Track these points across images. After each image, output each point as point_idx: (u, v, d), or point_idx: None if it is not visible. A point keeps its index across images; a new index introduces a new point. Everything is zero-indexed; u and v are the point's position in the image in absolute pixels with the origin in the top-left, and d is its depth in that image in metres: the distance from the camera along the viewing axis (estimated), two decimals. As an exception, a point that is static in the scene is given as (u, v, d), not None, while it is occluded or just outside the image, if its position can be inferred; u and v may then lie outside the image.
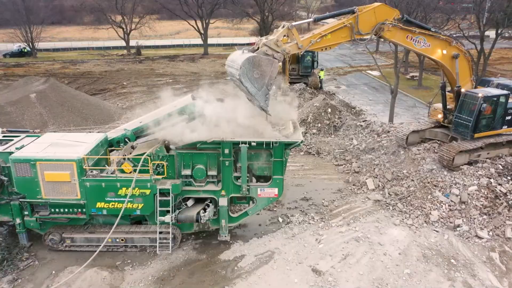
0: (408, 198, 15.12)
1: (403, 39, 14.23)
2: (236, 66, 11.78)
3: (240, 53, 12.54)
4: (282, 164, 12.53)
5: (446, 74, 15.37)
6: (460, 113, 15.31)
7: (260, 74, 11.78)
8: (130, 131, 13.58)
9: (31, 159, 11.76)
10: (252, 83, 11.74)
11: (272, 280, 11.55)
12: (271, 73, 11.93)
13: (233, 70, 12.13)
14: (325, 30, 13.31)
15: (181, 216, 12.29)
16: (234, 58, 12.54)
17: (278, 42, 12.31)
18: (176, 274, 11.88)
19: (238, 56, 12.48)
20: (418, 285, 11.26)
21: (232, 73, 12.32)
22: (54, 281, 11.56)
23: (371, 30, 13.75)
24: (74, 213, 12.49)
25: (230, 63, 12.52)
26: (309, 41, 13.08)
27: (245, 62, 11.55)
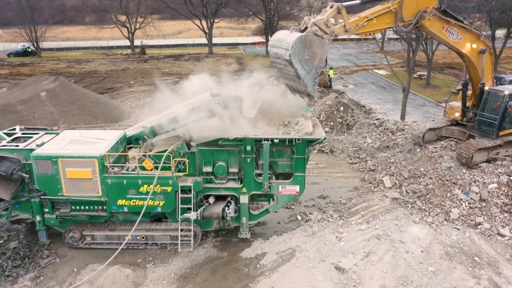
0: (427, 196, 15.04)
1: (439, 29, 13.95)
2: (286, 46, 11.03)
3: (288, 33, 11.81)
4: (304, 161, 12.46)
5: (470, 70, 15.25)
6: (483, 111, 15.21)
7: (310, 55, 11.17)
8: (148, 129, 13.51)
9: (53, 156, 11.69)
10: (302, 65, 11.08)
11: (295, 278, 11.48)
12: (321, 55, 11.31)
13: (280, 50, 11.36)
14: (372, 14, 12.80)
15: (206, 213, 12.21)
16: (281, 38, 11.74)
17: (328, 22, 11.66)
18: (199, 271, 11.81)
19: (285, 35, 11.71)
20: (443, 283, 11.18)
21: (278, 54, 11.55)
22: (77, 278, 11.50)
23: (413, 17, 13.38)
24: (95, 210, 12.42)
25: (277, 42, 11.72)
26: (356, 24, 12.51)
27: (297, 41, 10.81)
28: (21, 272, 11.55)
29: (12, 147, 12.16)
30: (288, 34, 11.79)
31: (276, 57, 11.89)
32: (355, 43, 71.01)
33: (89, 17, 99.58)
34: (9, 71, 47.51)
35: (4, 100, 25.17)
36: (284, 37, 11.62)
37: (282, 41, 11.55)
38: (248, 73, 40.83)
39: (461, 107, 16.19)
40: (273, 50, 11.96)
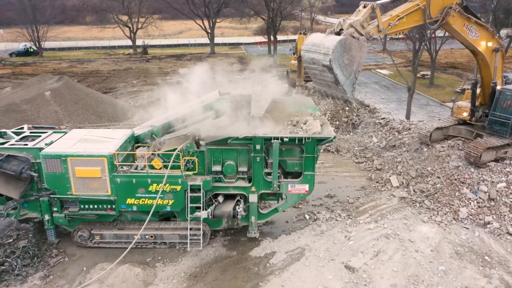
0: (435, 195, 15.01)
1: (461, 27, 13.86)
2: (325, 50, 10.55)
3: (323, 36, 11.36)
4: (314, 160, 12.42)
5: (482, 69, 15.21)
6: (495, 110, 15.17)
7: (349, 60, 10.76)
8: (157, 127, 13.50)
9: (62, 154, 11.66)
10: (342, 70, 10.62)
11: (305, 277, 11.44)
12: (360, 58, 10.95)
13: (318, 55, 10.86)
14: (402, 12, 12.59)
15: (217, 211, 12.17)
16: (317, 42, 11.22)
17: (364, 23, 11.37)
18: (208, 270, 11.78)
19: (322, 39, 11.22)
20: (454, 282, 11.15)
21: (315, 59, 11.06)
22: (86, 277, 11.46)
23: (439, 14, 13.26)
24: (104, 209, 12.38)
25: (312, 47, 11.23)
26: (388, 24, 12.24)
27: (337, 45, 10.31)
28: (31, 271, 11.52)
29: (21, 146, 12.14)
30: (324, 37, 11.35)
31: (312, 63, 11.38)
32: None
33: (90, 17, 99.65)
34: (11, 70, 47.50)
35: (8, 100, 25.12)
36: (321, 41, 11.12)
37: (320, 46, 11.04)
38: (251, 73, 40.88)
39: (470, 107, 16.14)
40: (308, 55, 11.46)
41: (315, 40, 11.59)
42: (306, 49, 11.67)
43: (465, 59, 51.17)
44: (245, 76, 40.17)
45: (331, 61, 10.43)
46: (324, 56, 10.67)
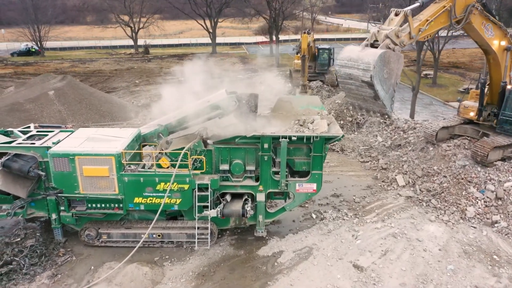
0: (441, 194, 14.98)
1: (480, 25, 13.74)
2: (365, 66, 10.26)
3: (359, 49, 11.00)
4: (322, 159, 12.39)
5: (492, 68, 15.15)
6: (505, 110, 15.12)
7: (388, 73, 10.49)
8: (163, 126, 13.47)
9: (70, 153, 11.64)
10: (382, 85, 10.32)
11: (314, 276, 11.42)
12: (397, 70, 10.70)
13: (356, 71, 10.58)
14: (431, 16, 12.34)
15: (226, 210, 12.14)
16: (353, 56, 10.87)
17: (399, 32, 11.13)
18: (216, 269, 11.75)
19: (358, 53, 10.85)
20: (463, 281, 11.12)
21: (352, 75, 10.75)
22: (94, 276, 11.44)
23: (463, 13, 13.07)
24: (111, 208, 12.36)
25: (350, 62, 10.91)
26: (418, 30, 11.94)
27: (378, 61, 10.00)
28: (39, 270, 11.49)
29: (28, 145, 12.12)
30: (361, 51, 11.03)
31: (348, 78, 11.09)
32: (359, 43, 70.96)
33: (90, 17, 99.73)
34: (13, 70, 47.52)
35: (12, 99, 25.12)
36: (359, 56, 10.82)
37: (358, 61, 10.77)
38: (254, 72, 40.87)
39: (478, 106, 16.09)
40: (345, 71, 11.17)
41: (351, 55, 11.28)
42: (342, 64, 11.38)
43: (467, 59, 51.22)
44: (247, 75, 40.25)
45: (372, 77, 10.20)
46: (364, 72, 10.40)
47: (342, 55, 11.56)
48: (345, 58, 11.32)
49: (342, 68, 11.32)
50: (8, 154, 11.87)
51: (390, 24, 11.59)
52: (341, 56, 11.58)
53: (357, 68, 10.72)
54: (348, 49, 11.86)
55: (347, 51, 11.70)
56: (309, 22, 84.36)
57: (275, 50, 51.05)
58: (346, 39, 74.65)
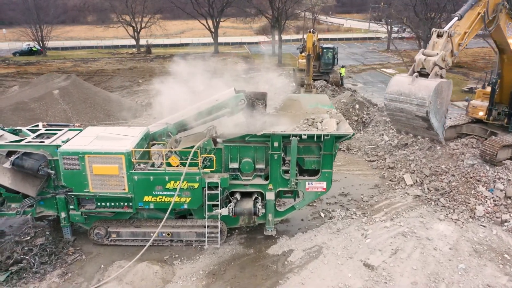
0: (450, 193, 14.94)
1: (504, 23, 13.61)
2: (419, 102, 10.06)
3: (408, 81, 10.70)
4: (332, 157, 12.36)
5: (505, 67, 15.08)
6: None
7: (441, 103, 10.37)
8: (172, 125, 13.42)
9: (80, 152, 11.61)
10: (436, 117, 10.19)
11: (325, 275, 11.38)
12: (447, 97, 10.58)
13: (409, 106, 10.37)
14: (469, 27, 12.18)
15: (238, 208, 12.11)
16: (405, 91, 10.61)
17: (446, 56, 11.05)
18: (227, 268, 11.72)
19: (410, 86, 10.51)
20: (475, 280, 11.08)
21: (405, 109, 10.48)
22: (104, 275, 11.41)
23: (493, 14, 12.93)
24: (121, 207, 12.33)
25: (401, 97, 10.67)
26: (458, 45, 11.78)
27: (433, 95, 9.81)
28: (49, 269, 11.47)
29: (38, 144, 12.08)
30: (411, 84, 10.71)
31: (399, 111, 10.87)
32: (360, 42, 71.06)
33: (91, 17, 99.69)
34: (16, 70, 47.46)
35: (16, 98, 25.09)
36: (410, 90, 10.53)
37: (410, 95, 10.53)
38: (257, 72, 40.84)
39: (488, 105, 16.04)
40: (395, 105, 10.93)
41: (401, 88, 11.03)
42: (391, 98, 11.19)
43: (469, 59, 51.13)
44: (250, 75, 40.21)
45: (429, 113, 10.07)
46: (419, 108, 10.23)
47: (391, 89, 11.22)
48: (395, 92, 11.03)
49: (392, 102, 11.09)
50: (18, 152, 11.85)
51: (434, 48, 11.29)
52: (390, 90, 11.23)
53: (410, 103, 10.52)
54: (396, 81, 11.51)
55: (395, 83, 11.37)
56: (310, 22, 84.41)
57: (278, 49, 50.97)
58: (347, 38, 74.64)
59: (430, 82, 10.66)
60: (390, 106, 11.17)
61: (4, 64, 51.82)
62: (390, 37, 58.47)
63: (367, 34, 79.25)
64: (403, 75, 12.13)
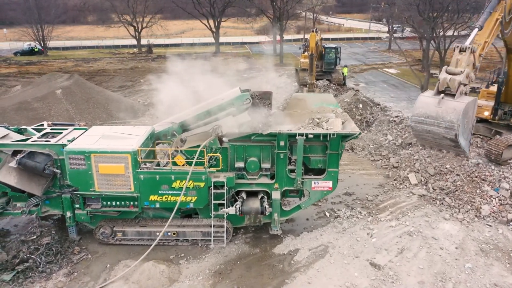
0: (455, 192, 14.91)
1: None
2: (447, 125, 10.15)
3: (435, 103, 10.75)
4: (338, 156, 12.34)
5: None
6: None
7: (467, 121, 10.43)
8: (177, 124, 13.39)
9: (86, 151, 11.59)
10: (463, 136, 10.26)
11: (331, 274, 11.36)
12: (473, 114, 10.63)
13: (437, 129, 10.52)
14: (488, 36, 12.13)
15: (245, 207, 12.09)
16: (432, 114, 10.70)
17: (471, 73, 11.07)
18: (233, 267, 11.70)
19: (437, 109, 10.64)
20: (482, 279, 11.06)
21: (433, 132, 10.60)
22: (111, 274, 11.39)
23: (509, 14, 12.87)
24: (126, 206, 12.32)
25: (428, 119, 10.81)
26: (479, 56, 11.83)
27: (461, 118, 9.87)
28: (55, 268, 11.45)
29: (44, 143, 12.07)
30: (438, 106, 10.75)
31: (426, 132, 10.98)
32: (361, 42, 71.01)
33: (91, 17, 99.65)
34: (17, 69, 47.45)
35: (19, 98, 25.07)
36: (438, 113, 10.60)
37: (438, 118, 10.64)
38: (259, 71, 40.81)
39: (494, 105, 16.01)
40: (422, 127, 11.04)
41: (428, 111, 11.07)
42: (418, 121, 11.27)
43: (471, 58, 51.13)
44: (252, 75, 40.18)
45: (458, 135, 10.14)
46: (447, 130, 10.33)
47: (417, 111, 11.23)
48: (422, 115, 11.05)
49: (419, 125, 11.15)
50: (24, 151, 11.83)
51: (458, 65, 11.29)
52: (416, 112, 11.24)
53: (437, 126, 10.62)
54: (421, 103, 11.49)
55: (421, 106, 11.39)
56: (310, 22, 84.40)
57: (279, 49, 50.95)
58: (348, 38, 74.59)
59: (458, 104, 10.64)
60: (417, 128, 11.20)
61: (5, 64, 51.81)
62: (391, 37, 58.40)
63: (368, 34, 79.23)
64: (428, 95, 12.06)
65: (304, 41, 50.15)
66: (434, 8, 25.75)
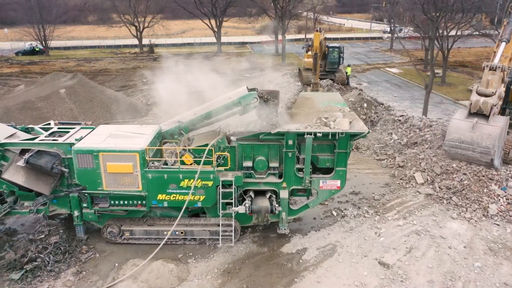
0: (462, 191, 14.87)
1: None
2: (483, 150, 10.34)
3: (469, 128, 11.01)
4: (346, 155, 12.31)
5: None
6: None
7: (500, 142, 10.90)
8: (184, 123, 13.39)
9: (94, 150, 11.56)
10: (497, 156, 10.58)
11: (340, 273, 11.34)
12: (505, 133, 10.95)
13: (473, 153, 10.80)
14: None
15: (255, 206, 12.06)
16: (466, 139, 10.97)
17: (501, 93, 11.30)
18: (241, 267, 11.68)
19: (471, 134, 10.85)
20: (491, 278, 11.04)
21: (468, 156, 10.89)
22: (119, 273, 11.36)
23: None
24: (134, 205, 12.30)
25: (463, 145, 11.10)
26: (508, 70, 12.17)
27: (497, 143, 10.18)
28: (63, 267, 11.43)
29: (52, 142, 12.04)
30: (472, 131, 10.97)
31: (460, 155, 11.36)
32: (363, 42, 71.00)
33: (92, 17, 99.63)
34: (19, 69, 47.46)
35: (23, 97, 25.06)
36: (473, 138, 10.88)
37: (473, 144, 10.96)
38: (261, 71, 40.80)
39: (502, 105, 15.95)
40: (457, 151, 11.42)
41: (462, 136, 11.35)
42: (453, 145, 11.64)
43: (473, 58, 51.20)
44: (254, 74, 40.16)
45: (493, 160, 10.35)
46: (483, 155, 10.58)
47: (451, 136, 11.48)
48: (456, 140, 11.35)
49: (453, 149, 11.47)
50: (31, 150, 11.80)
51: (489, 85, 11.45)
52: (450, 137, 11.52)
53: (472, 151, 10.86)
54: (455, 128, 11.70)
55: (455, 130, 11.63)
56: (310, 22, 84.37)
57: (281, 49, 50.96)
58: (350, 38, 74.57)
59: (493, 128, 10.88)
60: (451, 152, 11.53)
61: (7, 64, 51.82)
62: (393, 37, 58.41)
63: (370, 34, 79.22)
64: (461, 118, 12.18)
65: (306, 41, 50.08)
66: (438, 7, 25.73)
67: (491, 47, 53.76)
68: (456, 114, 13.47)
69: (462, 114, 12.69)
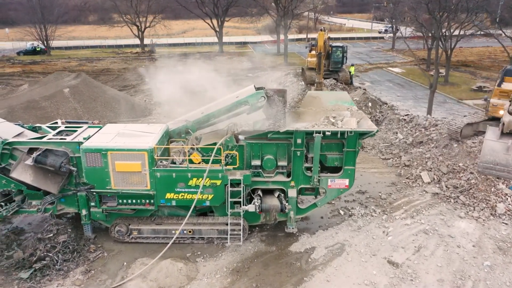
0: (470, 190, 14.85)
1: None
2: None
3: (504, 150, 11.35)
4: (355, 154, 12.29)
5: None
6: None
7: None
8: (191, 122, 13.35)
9: (103, 148, 11.53)
10: None
11: (350, 272, 11.32)
12: None
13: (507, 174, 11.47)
14: None
15: (265, 205, 12.02)
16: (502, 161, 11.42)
17: None
18: (250, 266, 11.66)
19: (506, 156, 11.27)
20: (502, 277, 11.02)
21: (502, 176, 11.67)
22: (128, 272, 11.34)
23: None
24: (142, 204, 12.27)
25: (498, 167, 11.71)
26: None
27: None
28: (71, 266, 11.41)
29: (60, 140, 12.01)
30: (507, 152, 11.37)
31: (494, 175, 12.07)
32: (364, 42, 70.95)
33: (92, 17, 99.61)
34: (21, 69, 47.45)
35: (27, 97, 25.04)
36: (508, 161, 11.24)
37: (508, 166, 11.37)
38: (263, 71, 40.78)
39: (510, 104, 15.98)
40: (490, 172, 12.04)
41: (497, 159, 11.71)
42: (487, 167, 12.04)
43: (475, 57, 51.18)
44: (257, 74, 40.15)
45: None
46: None
47: (485, 158, 11.73)
48: (490, 162, 11.64)
49: (487, 170, 11.86)
50: (39, 149, 11.77)
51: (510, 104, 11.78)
52: (484, 159, 11.82)
53: (508, 173, 11.28)
54: (489, 150, 11.94)
55: (489, 153, 11.86)
56: (311, 22, 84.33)
57: (283, 48, 50.92)
58: (351, 38, 74.53)
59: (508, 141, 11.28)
60: (485, 172, 11.98)
61: (9, 64, 51.82)
62: (394, 37, 58.40)
63: (371, 34, 79.19)
64: (494, 139, 12.47)
65: (307, 41, 50.00)
66: (442, 6, 25.73)
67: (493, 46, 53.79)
68: (488, 134, 13.62)
69: (494, 134, 12.91)
